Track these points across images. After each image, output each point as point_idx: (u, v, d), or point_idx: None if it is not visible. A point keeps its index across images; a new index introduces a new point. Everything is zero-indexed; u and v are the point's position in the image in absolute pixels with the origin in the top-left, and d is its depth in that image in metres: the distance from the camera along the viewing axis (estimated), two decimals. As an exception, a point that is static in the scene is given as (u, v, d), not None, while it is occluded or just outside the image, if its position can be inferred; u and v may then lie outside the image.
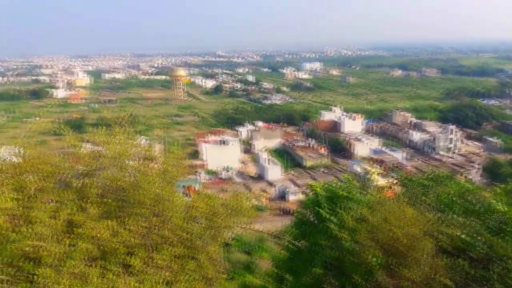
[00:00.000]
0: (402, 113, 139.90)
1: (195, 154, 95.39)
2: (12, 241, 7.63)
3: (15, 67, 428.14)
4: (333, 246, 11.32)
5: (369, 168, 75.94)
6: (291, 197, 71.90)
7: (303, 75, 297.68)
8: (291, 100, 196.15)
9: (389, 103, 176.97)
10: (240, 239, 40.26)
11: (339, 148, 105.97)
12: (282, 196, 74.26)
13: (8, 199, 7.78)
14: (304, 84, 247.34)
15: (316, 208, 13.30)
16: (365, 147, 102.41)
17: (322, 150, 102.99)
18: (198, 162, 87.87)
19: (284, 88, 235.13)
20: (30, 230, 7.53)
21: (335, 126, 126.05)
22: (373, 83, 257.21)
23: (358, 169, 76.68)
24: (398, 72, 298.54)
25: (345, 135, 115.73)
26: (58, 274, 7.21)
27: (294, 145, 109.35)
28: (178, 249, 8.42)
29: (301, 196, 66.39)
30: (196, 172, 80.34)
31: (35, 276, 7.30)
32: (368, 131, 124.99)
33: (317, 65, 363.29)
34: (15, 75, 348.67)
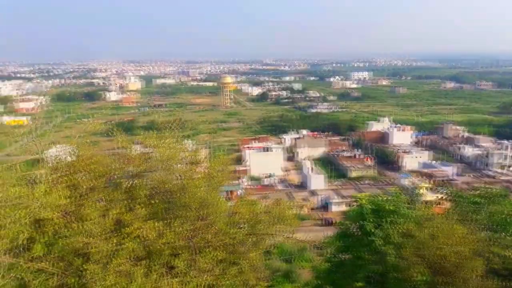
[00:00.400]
0: (454, 126, 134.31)
1: (239, 160, 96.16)
2: (64, 236, 7.98)
3: (71, 70, 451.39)
4: (377, 261, 11.02)
5: (418, 182, 73.51)
6: (334, 208, 70.68)
7: (350, 84, 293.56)
8: (337, 109, 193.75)
9: (440, 116, 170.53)
10: (281, 246, 40.02)
11: (386, 160, 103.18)
12: (325, 207, 73.14)
13: (62, 197, 8.14)
14: (351, 93, 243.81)
15: (361, 221, 13.01)
16: (414, 160, 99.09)
17: (368, 161, 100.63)
18: (241, 168, 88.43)
19: (331, 97, 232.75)
20: (81, 227, 7.84)
21: (382, 138, 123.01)
22: (424, 94, 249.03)
23: (405, 182, 74.23)
24: (451, 85, 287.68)
25: (393, 147, 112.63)
26: (105, 271, 7.45)
27: (339, 155, 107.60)
28: (220, 253, 8.48)
29: (344, 208, 65.22)
30: (239, 177, 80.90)
31: (83, 271, 7.59)
32: (417, 144, 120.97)
33: (365, 75, 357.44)
34: (72, 77, 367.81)
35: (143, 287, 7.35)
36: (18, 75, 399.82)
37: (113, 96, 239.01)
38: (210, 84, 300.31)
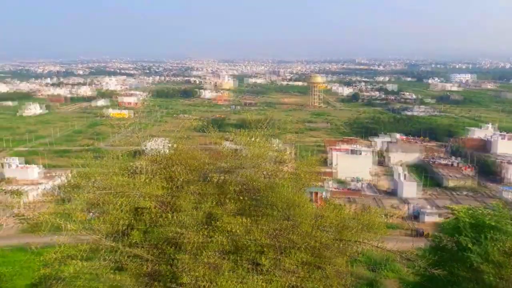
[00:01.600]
0: None
1: (324, 161, 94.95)
2: (159, 225, 8.50)
3: (170, 68, 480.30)
4: (472, 279, 10.22)
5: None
6: (426, 218, 66.84)
7: (451, 87, 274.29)
8: (435, 113, 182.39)
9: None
10: (366, 254, 38.90)
11: (488, 171, 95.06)
12: (416, 216, 69.49)
13: (160, 188, 8.67)
14: (451, 96, 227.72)
15: (456, 234, 12.27)
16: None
17: (468, 171, 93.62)
18: (326, 170, 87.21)
19: (428, 100, 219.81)
20: (175, 217, 8.29)
21: (484, 146, 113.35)
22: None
23: (509, 196, 67.81)
24: None
25: (496, 157, 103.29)
26: (195, 262, 7.79)
27: (434, 162, 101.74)
28: (305, 255, 8.43)
29: (438, 219, 61.70)
30: (324, 180, 79.94)
31: (175, 260, 8.01)
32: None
33: (468, 77, 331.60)
34: (170, 75, 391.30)
35: (230, 281, 7.56)
36: (122, 71, 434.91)
37: (207, 94, 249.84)
38: (299, 83, 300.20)
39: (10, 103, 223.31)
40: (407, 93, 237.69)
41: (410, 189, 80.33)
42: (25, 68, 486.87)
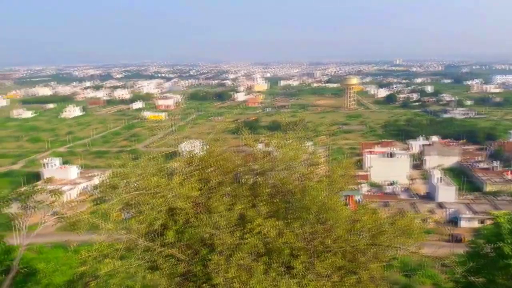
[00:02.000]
0: None
1: (359, 164, 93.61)
2: (193, 226, 8.59)
3: (205, 71, 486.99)
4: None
5: None
6: (464, 224, 64.89)
7: (492, 89, 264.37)
8: (474, 115, 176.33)
9: None
10: (401, 259, 38.00)
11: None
12: (453, 221, 67.60)
13: (194, 189, 8.77)
14: (492, 98, 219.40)
15: (497, 241, 11.85)
16: None
17: (509, 176, 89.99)
18: (361, 173, 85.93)
19: (468, 102, 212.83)
20: (208, 218, 8.35)
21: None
22: None
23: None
24: None
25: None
26: (228, 263, 7.82)
27: (473, 166, 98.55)
28: (339, 260, 8.30)
29: (476, 224, 59.88)
30: (358, 183, 78.78)
31: (208, 261, 8.07)
32: None
33: (510, 78, 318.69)
34: (206, 78, 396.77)
35: (262, 284, 7.54)
36: (159, 74, 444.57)
37: (240, 96, 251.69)
38: (334, 85, 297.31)
39: (52, 105, 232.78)
40: (445, 95, 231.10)
41: (447, 193, 78.18)
42: (68, 72, 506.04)
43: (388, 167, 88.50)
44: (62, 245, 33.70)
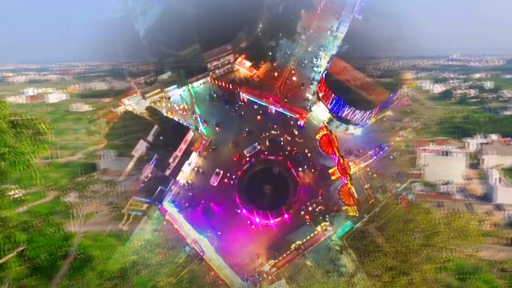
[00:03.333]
0: None
1: (412, 163, 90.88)
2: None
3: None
4: None
5: None
6: (526, 228, 61.39)
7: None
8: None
9: None
10: (456, 261, 36.62)
11: None
12: (513, 224, 64.35)
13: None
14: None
15: None
16: None
17: None
18: (414, 172, 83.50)
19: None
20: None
21: None
22: None
23: None
24: None
25: None
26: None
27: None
28: (391, 260, 8.06)
29: (540, 229, 56.49)
30: (411, 181, 76.74)
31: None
32: None
33: None
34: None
35: (309, 281, 7.46)
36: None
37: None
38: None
39: (107, 99, 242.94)
40: (506, 91, 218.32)
41: (507, 194, 74.77)
42: (122, 67, 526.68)
43: (443, 165, 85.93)
44: (116, 233, 35.22)
